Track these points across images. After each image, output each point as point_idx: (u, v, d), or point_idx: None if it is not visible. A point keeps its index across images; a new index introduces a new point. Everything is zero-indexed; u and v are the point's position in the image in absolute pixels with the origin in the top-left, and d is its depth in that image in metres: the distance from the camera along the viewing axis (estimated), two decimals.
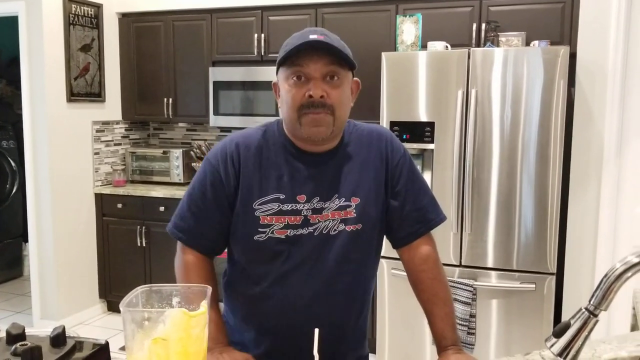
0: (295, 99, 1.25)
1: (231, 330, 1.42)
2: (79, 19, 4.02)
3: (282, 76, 1.29)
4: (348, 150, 1.36)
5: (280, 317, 1.33)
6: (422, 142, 3.08)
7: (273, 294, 1.33)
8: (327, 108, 1.25)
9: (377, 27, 3.60)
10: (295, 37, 1.28)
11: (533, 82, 2.86)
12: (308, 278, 1.32)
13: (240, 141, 1.35)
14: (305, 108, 1.25)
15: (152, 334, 0.93)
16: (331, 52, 1.25)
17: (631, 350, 1.29)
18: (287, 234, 1.30)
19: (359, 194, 1.34)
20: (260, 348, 1.37)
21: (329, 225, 1.32)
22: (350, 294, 1.37)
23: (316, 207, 1.31)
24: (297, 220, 1.30)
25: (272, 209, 1.30)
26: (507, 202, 2.95)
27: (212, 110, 4.06)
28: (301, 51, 1.23)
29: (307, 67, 1.24)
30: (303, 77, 1.25)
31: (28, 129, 3.88)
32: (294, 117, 1.27)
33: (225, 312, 1.46)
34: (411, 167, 1.42)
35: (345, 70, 1.29)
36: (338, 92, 1.27)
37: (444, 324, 1.34)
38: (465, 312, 2.98)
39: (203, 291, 1.02)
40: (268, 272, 1.33)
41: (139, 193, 4.10)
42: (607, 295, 0.90)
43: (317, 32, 1.27)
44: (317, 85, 1.24)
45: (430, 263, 1.39)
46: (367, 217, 1.35)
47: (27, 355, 0.94)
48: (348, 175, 1.35)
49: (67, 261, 4.03)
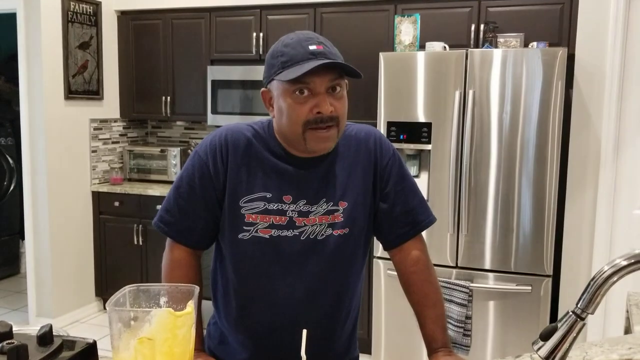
0: (300, 114, 1.21)
1: (222, 334, 1.41)
2: (78, 16, 4.01)
3: (280, 89, 1.23)
4: (337, 154, 1.34)
5: (268, 320, 1.33)
6: (419, 142, 3.08)
7: (260, 296, 1.32)
8: (334, 121, 1.23)
9: (375, 27, 3.60)
10: (290, 47, 1.22)
11: (531, 83, 2.85)
12: (295, 281, 1.30)
13: (229, 136, 1.32)
14: (312, 124, 1.22)
15: (138, 333, 0.93)
16: (336, 66, 1.22)
17: (622, 353, 1.29)
18: (271, 234, 1.29)
19: (347, 198, 1.32)
20: (249, 350, 1.36)
21: (316, 229, 1.30)
22: (337, 297, 1.36)
23: (302, 210, 1.29)
24: (282, 220, 1.29)
25: (257, 207, 1.29)
26: (504, 203, 2.95)
27: (210, 109, 4.06)
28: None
29: (312, 83, 1.20)
30: (306, 92, 1.21)
31: (25, 126, 3.87)
32: (297, 132, 1.24)
33: (215, 314, 1.44)
34: (400, 168, 1.40)
35: (344, 80, 1.26)
36: (341, 103, 1.25)
37: (435, 325, 1.33)
38: (461, 313, 2.97)
39: (191, 291, 1.01)
40: (254, 274, 1.31)
41: (136, 191, 4.10)
42: (594, 298, 0.90)
43: (314, 40, 1.23)
44: (324, 101, 1.21)
45: (421, 265, 1.38)
46: (354, 221, 1.33)
47: (13, 354, 0.94)
48: (336, 178, 1.33)
49: (64, 259, 4.03)
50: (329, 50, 1.23)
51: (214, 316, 1.46)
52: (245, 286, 1.33)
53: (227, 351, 1.40)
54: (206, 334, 1.48)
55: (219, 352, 1.41)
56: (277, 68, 1.23)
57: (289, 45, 1.23)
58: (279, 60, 1.23)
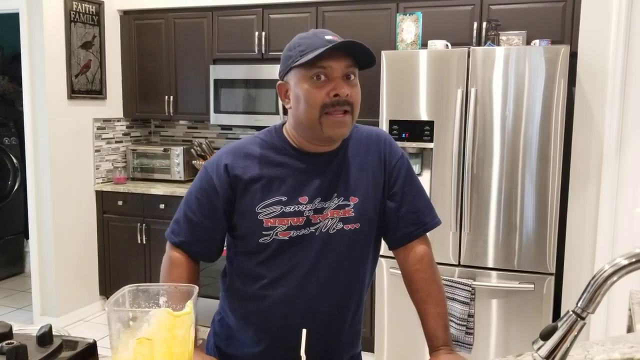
0: (317, 98, 1.25)
1: (230, 329, 1.42)
2: (80, 16, 4.02)
3: (297, 76, 1.27)
4: (348, 151, 1.38)
5: (279, 316, 1.34)
6: (421, 141, 3.07)
7: (272, 292, 1.33)
8: (349, 106, 1.27)
9: (377, 25, 3.59)
10: (307, 38, 1.27)
11: (534, 81, 2.84)
12: (307, 277, 1.32)
13: (237, 151, 1.36)
14: (329, 107, 1.25)
15: (137, 333, 0.93)
16: (350, 53, 1.25)
17: (624, 352, 1.28)
18: (290, 235, 1.31)
19: (358, 194, 1.35)
20: (258, 346, 1.37)
21: (328, 224, 1.33)
22: (347, 292, 1.38)
23: (317, 207, 1.32)
24: (300, 221, 1.31)
25: (274, 211, 1.31)
26: (507, 201, 2.94)
27: (213, 108, 4.06)
28: (325, 51, 1.22)
29: (329, 68, 1.24)
30: (323, 77, 1.24)
31: (29, 126, 3.88)
32: (314, 116, 1.26)
33: (223, 310, 1.46)
34: (409, 170, 1.43)
35: (357, 70, 1.30)
36: (356, 91, 1.29)
37: (436, 323, 1.34)
38: (464, 312, 2.97)
39: (190, 291, 1.01)
40: (269, 272, 1.34)
41: (139, 190, 4.10)
42: (594, 298, 0.90)
43: (328, 32, 1.28)
44: (341, 85, 1.25)
45: (425, 263, 1.40)
46: (365, 217, 1.36)
47: (12, 354, 0.94)
48: (347, 175, 1.36)
49: (68, 258, 4.04)
50: (346, 39, 1.26)
51: (219, 312, 1.47)
52: (258, 282, 1.34)
53: (236, 346, 1.41)
54: (211, 331, 1.50)
55: (227, 347, 1.43)
56: (294, 57, 1.26)
57: (305, 37, 1.28)
58: (296, 50, 1.27)
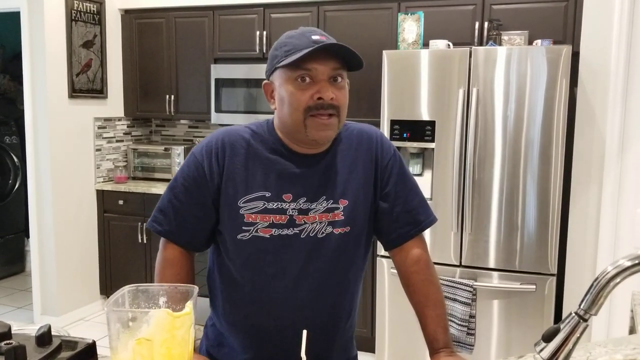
0: (301, 100, 1.22)
1: (221, 336, 1.39)
2: (81, 15, 4.01)
3: (282, 77, 1.24)
4: (338, 151, 1.33)
5: (270, 320, 1.31)
6: (422, 141, 3.06)
7: (260, 297, 1.30)
8: (335, 109, 1.23)
9: (378, 25, 3.59)
10: (294, 38, 1.24)
11: (535, 81, 2.83)
12: (296, 281, 1.29)
13: (226, 138, 1.32)
14: (313, 110, 1.22)
15: (136, 334, 0.92)
16: (337, 55, 1.22)
17: (626, 353, 1.27)
18: (271, 233, 1.27)
19: (348, 196, 1.31)
20: (249, 352, 1.34)
21: (316, 227, 1.29)
22: (338, 296, 1.35)
23: (302, 208, 1.28)
24: (283, 219, 1.27)
25: (257, 207, 1.27)
26: (509, 202, 2.93)
27: (214, 108, 4.06)
28: (307, 54, 1.19)
29: (314, 70, 1.21)
30: (308, 79, 1.22)
31: (29, 125, 3.88)
32: (298, 119, 1.23)
33: (213, 315, 1.42)
34: (401, 168, 1.39)
35: (346, 72, 1.27)
36: (343, 93, 1.25)
37: (436, 326, 1.32)
38: (465, 312, 2.96)
39: (189, 291, 1.01)
40: (254, 275, 1.30)
41: (140, 190, 4.10)
42: (597, 299, 0.89)
43: (317, 32, 1.25)
44: (326, 87, 1.22)
45: (422, 265, 1.36)
46: (355, 220, 1.32)
47: (11, 355, 0.93)
48: (337, 176, 1.32)
49: (68, 257, 4.04)
50: (335, 41, 1.23)
51: (211, 317, 1.43)
52: (245, 287, 1.31)
53: (227, 352, 1.38)
54: (203, 335, 1.46)
55: (218, 354, 1.39)
56: (279, 57, 1.24)
57: (292, 36, 1.25)
58: (282, 50, 1.24)
